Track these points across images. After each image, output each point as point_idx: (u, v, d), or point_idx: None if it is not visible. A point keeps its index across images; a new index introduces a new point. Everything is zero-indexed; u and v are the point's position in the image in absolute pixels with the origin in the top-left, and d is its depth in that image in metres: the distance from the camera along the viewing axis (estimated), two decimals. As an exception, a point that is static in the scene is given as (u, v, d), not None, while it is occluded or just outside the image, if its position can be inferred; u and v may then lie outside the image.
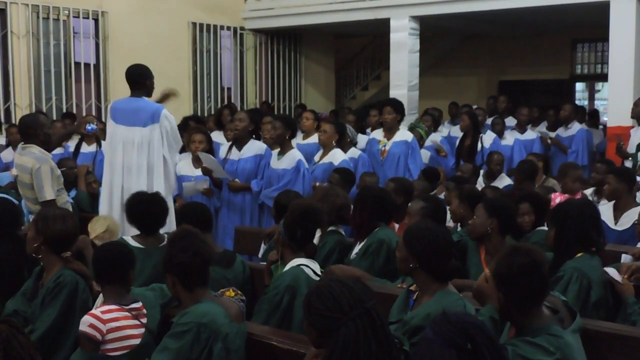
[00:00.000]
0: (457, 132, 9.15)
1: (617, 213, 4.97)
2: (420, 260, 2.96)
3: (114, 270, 3.22)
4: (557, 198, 5.10)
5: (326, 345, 2.36)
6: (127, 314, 3.17)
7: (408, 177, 6.41)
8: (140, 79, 5.09)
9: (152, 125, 5.01)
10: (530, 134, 8.72)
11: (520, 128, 8.79)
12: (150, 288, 3.48)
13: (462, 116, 8.30)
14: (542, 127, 9.52)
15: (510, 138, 8.33)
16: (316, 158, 6.42)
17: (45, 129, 5.00)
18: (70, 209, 5.00)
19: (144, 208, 4.09)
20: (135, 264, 3.32)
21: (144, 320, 3.22)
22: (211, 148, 6.20)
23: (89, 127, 5.56)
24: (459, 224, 4.73)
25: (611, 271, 3.54)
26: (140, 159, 5.01)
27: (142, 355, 3.14)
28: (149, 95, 5.17)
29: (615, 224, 4.94)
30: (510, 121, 9.21)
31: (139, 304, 3.25)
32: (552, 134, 9.06)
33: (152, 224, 4.09)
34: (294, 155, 5.94)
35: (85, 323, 3.07)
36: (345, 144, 6.56)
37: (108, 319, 3.09)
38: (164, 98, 5.53)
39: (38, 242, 3.56)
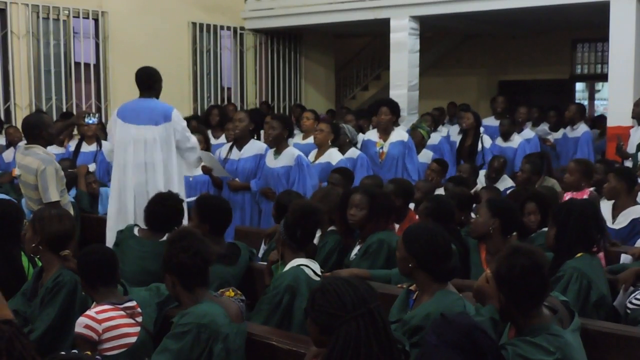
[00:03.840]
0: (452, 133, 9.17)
1: (615, 212, 5.00)
2: (419, 260, 2.96)
3: (104, 272, 3.25)
4: (567, 196, 5.09)
5: (327, 343, 2.36)
6: (122, 312, 3.18)
7: (406, 177, 6.41)
8: (150, 81, 5.14)
9: (165, 124, 5.06)
10: (529, 133, 8.68)
11: (518, 127, 8.74)
12: (147, 288, 3.51)
13: (466, 114, 8.27)
14: (543, 126, 9.52)
15: (517, 139, 8.25)
16: (311, 158, 6.40)
17: (49, 129, 5.04)
18: (72, 210, 5.04)
19: (154, 207, 4.28)
20: (118, 263, 3.38)
21: (140, 319, 3.22)
22: (209, 148, 6.20)
23: (88, 119, 5.52)
24: None
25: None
26: (153, 157, 5.05)
27: (140, 354, 3.15)
28: (157, 97, 5.20)
29: (613, 222, 4.96)
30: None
31: (133, 303, 3.26)
32: (557, 135, 9.07)
33: (158, 223, 4.25)
34: (292, 153, 5.93)
35: (81, 324, 3.08)
36: (344, 144, 6.56)
37: (103, 318, 3.10)
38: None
39: (35, 242, 3.57)
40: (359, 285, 2.40)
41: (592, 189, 5.80)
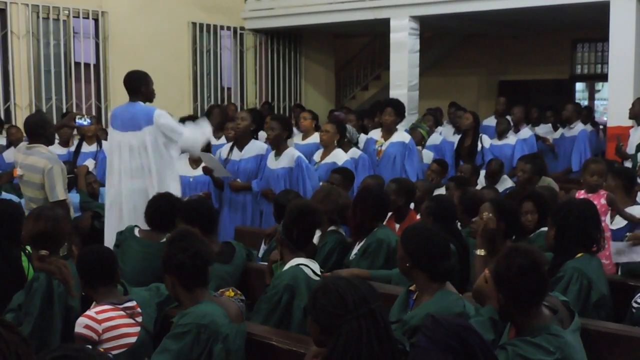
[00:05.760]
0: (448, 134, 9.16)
1: (614, 212, 4.98)
2: (416, 259, 2.97)
3: (103, 272, 3.26)
4: (582, 195, 5.06)
5: (328, 343, 2.36)
6: (121, 312, 3.19)
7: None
8: (135, 85, 5.07)
9: (148, 127, 4.97)
10: (526, 132, 8.67)
11: (515, 127, 8.73)
12: (147, 288, 3.51)
13: (465, 114, 8.28)
14: (545, 127, 9.52)
15: (513, 137, 8.27)
16: (316, 158, 6.41)
17: (51, 128, 5.07)
18: (72, 209, 5.04)
19: (157, 207, 4.33)
20: (117, 263, 3.40)
21: (139, 319, 3.23)
22: (209, 149, 6.19)
23: (79, 120, 5.51)
24: None
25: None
26: (138, 162, 4.99)
27: (140, 354, 3.15)
28: (146, 100, 5.14)
29: (611, 222, 4.94)
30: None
31: (133, 303, 3.27)
32: (555, 134, 9.06)
33: (161, 223, 4.27)
34: (292, 153, 5.94)
35: (81, 324, 3.08)
36: (345, 144, 6.56)
37: (103, 318, 3.11)
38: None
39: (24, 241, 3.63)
40: (360, 285, 2.41)
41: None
